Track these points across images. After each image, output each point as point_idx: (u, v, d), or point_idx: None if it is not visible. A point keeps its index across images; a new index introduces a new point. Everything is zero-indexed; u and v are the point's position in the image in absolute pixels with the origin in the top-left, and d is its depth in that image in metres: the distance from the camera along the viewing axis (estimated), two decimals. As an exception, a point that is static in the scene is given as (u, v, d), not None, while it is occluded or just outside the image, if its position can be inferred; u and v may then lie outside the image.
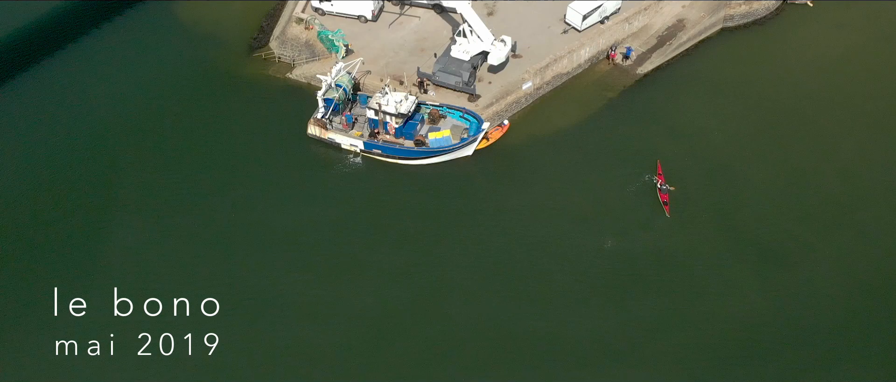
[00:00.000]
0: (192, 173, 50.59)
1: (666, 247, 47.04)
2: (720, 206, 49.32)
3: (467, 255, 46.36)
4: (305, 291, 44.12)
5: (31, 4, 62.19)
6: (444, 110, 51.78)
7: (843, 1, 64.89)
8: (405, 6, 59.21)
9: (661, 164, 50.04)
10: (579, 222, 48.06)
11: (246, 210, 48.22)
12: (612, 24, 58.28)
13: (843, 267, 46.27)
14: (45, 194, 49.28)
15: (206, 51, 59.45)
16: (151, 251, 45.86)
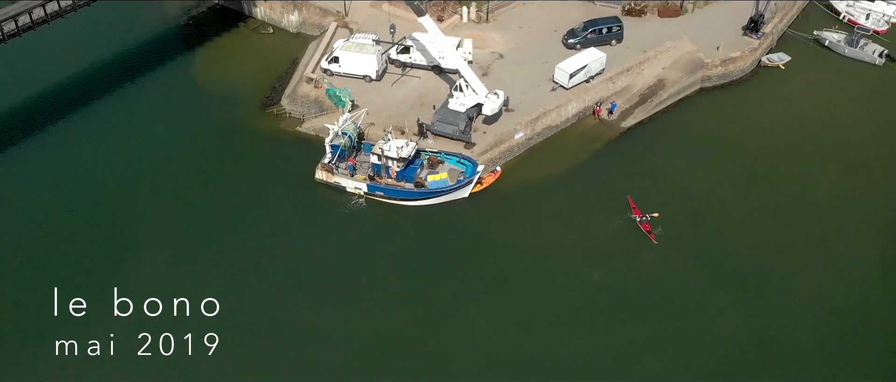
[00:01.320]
0: (207, 212, 54.15)
1: (650, 277, 50.19)
2: (701, 241, 52.64)
3: (462, 284, 49.51)
4: (309, 312, 46.96)
5: (58, 65, 67.74)
6: (441, 156, 55.95)
7: (814, 64, 70.42)
8: (407, 68, 64.41)
9: (633, 198, 54.15)
10: (568, 255, 51.31)
11: (255, 244, 51.65)
12: (596, 83, 63.16)
13: (816, 296, 49.21)
14: (62, 230, 52.68)
15: (221, 108, 64.10)
16: (163, 279, 48.86)
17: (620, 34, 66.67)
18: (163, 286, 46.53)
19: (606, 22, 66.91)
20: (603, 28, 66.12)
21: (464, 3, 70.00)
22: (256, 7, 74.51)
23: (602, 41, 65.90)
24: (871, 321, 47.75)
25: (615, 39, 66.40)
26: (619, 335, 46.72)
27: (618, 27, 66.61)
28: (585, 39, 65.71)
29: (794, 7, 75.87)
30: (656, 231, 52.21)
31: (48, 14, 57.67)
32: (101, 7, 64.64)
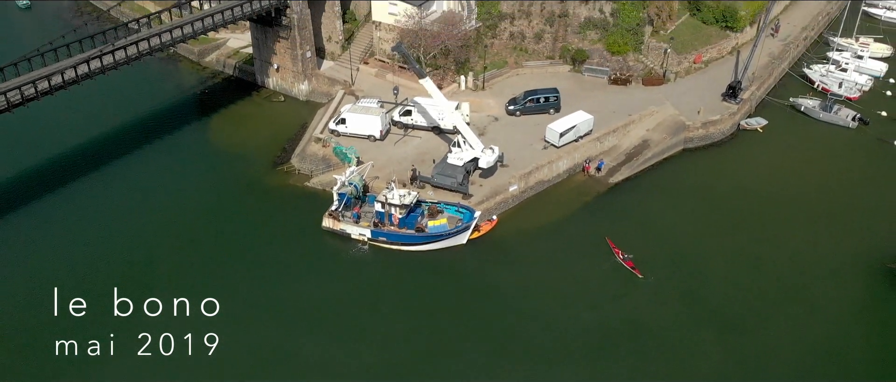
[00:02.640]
0: (219, 257, 57.40)
1: (637, 317, 52.97)
2: (685, 284, 55.61)
3: (459, 322, 52.26)
4: (314, 349, 49.48)
5: (83, 126, 72.61)
6: (441, 206, 59.75)
7: (791, 127, 75.12)
8: (408, 129, 69.08)
9: (612, 239, 57.82)
10: (560, 297, 54.18)
11: (263, 286, 54.52)
12: (585, 142, 67.64)
13: (796, 335, 51.79)
14: (82, 275, 55.71)
15: (234, 167, 68.23)
16: (176, 316, 51.58)
17: (557, 104, 70.79)
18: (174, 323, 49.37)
19: (545, 92, 71.36)
20: (541, 97, 70.69)
21: (461, 73, 75.33)
22: (269, 77, 79.96)
23: (540, 109, 70.47)
24: (847, 359, 50.28)
25: (553, 109, 70.68)
26: (609, 370, 49.18)
27: (555, 97, 70.96)
28: (525, 107, 70.45)
29: (771, 77, 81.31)
30: (640, 267, 55.54)
31: (77, 74, 62.03)
32: (122, 76, 69.77)
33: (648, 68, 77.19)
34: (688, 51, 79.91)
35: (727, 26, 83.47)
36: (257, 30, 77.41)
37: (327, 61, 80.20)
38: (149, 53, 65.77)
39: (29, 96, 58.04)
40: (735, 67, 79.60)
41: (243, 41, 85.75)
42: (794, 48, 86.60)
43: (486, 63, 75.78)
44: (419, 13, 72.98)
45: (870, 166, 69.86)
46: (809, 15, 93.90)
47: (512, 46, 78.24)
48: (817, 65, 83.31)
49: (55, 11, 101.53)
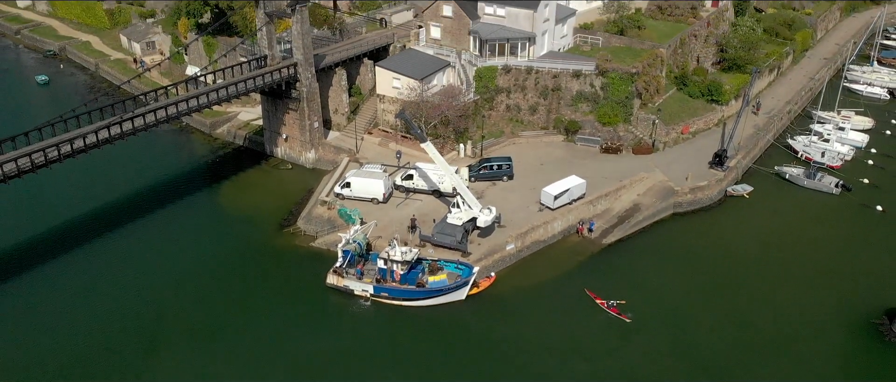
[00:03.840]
0: (227, 314, 59.69)
1: (630, 369, 54.89)
2: (675, 338, 57.71)
3: (459, 376, 54.13)
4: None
5: (95, 193, 76.00)
6: (441, 263, 62.39)
7: (776, 194, 78.39)
8: (410, 192, 72.39)
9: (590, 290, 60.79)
10: (555, 350, 56.21)
11: (269, 341, 56.65)
12: (579, 205, 70.81)
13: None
14: (96, 333, 58.17)
15: (242, 229, 71.22)
16: (185, 371, 53.86)
17: (510, 172, 74.11)
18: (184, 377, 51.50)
19: (498, 160, 74.88)
20: (494, 165, 74.08)
21: (460, 141, 79.22)
22: (277, 147, 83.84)
23: (494, 176, 73.99)
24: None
25: (506, 176, 73.96)
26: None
27: (508, 165, 74.41)
28: (479, 174, 73.84)
29: (757, 147, 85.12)
30: (628, 314, 58.03)
31: (90, 143, 65.60)
32: (136, 147, 73.74)
33: (638, 138, 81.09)
34: (675, 122, 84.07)
35: (713, 100, 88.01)
36: (268, 102, 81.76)
37: (333, 132, 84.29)
38: (166, 120, 69.71)
39: (52, 158, 61.50)
40: (721, 138, 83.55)
41: (254, 114, 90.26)
42: (778, 121, 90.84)
43: (484, 132, 79.79)
44: (421, 86, 77.56)
45: (853, 229, 72.70)
46: (793, 90, 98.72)
47: (508, 117, 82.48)
48: (801, 136, 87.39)
49: (72, 87, 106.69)
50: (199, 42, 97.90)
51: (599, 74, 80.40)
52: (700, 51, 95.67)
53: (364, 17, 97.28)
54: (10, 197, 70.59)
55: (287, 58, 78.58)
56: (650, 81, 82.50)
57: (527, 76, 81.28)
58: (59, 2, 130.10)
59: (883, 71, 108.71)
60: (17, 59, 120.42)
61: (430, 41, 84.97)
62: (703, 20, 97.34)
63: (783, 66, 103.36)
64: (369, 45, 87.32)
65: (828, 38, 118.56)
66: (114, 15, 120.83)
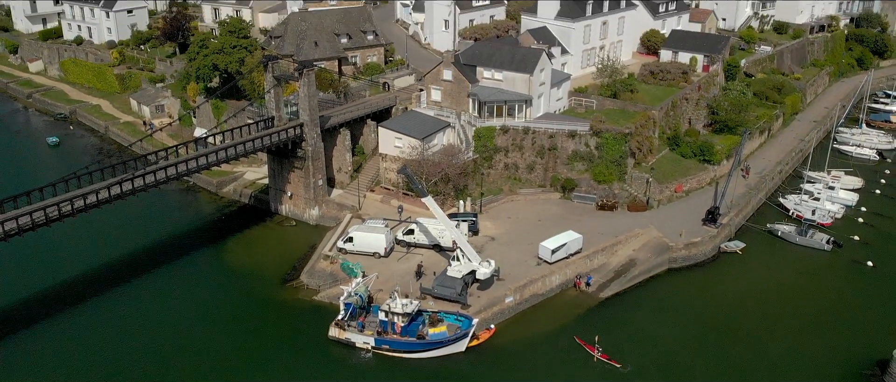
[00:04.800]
0: (228, 366, 60.75)
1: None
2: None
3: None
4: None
5: (102, 249, 77.86)
6: (441, 315, 63.81)
7: (769, 250, 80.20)
8: (411, 247, 74.28)
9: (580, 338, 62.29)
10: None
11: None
12: (576, 260, 72.60)
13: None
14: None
15: (247, 283, 72.78)
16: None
17: (476, 227, 76.28)
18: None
19: (464, 216, 77.07)
20: (459, 221, 75.37)
21: (460, 198, 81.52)
22: (282, 204, 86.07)
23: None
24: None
25: (472, 232, 75.85)
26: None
27: (473, 221, 76.53)
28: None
29: (748, 205, 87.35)
30: (626, 365, 59.64)
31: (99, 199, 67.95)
32: (144, 205, 75.69)
33: (633, 196, 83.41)
34: (669, 181, 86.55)
35: (705, 160, 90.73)
36: (274, 161, 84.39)
37: (337, 189, 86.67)
38: (175, 178, 72.17)
39: (65, 213, 63.68)
40: (714, 196, 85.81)
41: (260, 173, 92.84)
42: (769, 180, 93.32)
43: (483, 190, 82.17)
44: (422, 145, 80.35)
45: (845, 284, 74.31)
46: (783, 151, 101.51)
47: (506, 175, 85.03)
48: (792, 195, 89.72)
49: (82, 148, 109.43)
50: (208, 105, 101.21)
51: (594, 134, 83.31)
52: (692, 113, 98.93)
53: (368, 81, 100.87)
54: (22, 251, 72.36)
55: (293, 119, 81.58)
56: (643, 142, 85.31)
57: (524, 136, 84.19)
58: (71, 66, 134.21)
59: (871, 133, 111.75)
60: (27, 121, 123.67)
61: (431, 103, 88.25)
62: (694, 84, 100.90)
63: (773, 128, 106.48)
64: (372, 107, 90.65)
65: (817, 102, 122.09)
66: (124, 79, 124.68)
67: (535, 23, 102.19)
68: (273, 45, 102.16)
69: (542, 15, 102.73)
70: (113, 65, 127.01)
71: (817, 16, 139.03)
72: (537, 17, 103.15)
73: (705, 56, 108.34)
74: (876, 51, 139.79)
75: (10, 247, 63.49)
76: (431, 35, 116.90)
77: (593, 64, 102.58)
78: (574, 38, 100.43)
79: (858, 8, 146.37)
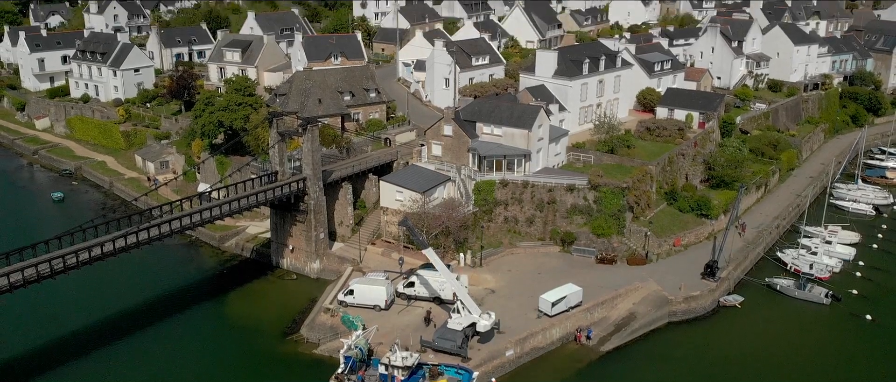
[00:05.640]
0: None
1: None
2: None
3: None
4: None
5: (104, 303, 78.20)
6: (441, 368, 63.79)
7: (768, 304, 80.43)
8: (412, 300, 74.66)
9: None
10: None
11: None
12: (576, 313, 72.87)
13: None
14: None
15: (247, 337, 72.91)
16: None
17: None
18: None
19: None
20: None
21: (461, 251, 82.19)
22: (283, 258, 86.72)
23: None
24: None
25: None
26: None
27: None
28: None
29: (747, 260, 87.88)
30: None
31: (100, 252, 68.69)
32: (146, 260, 76.15)
33: (632, 249, 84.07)
34: (667, 235, 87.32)
35: (702, 214, 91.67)
36: (276, 215, 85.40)
37: (338, 243, 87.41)
38: (179, 231, 73.05)
39: (70, 265, 64.36)
40: (712, 250, 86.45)
41: (262, 228, 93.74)
42: (767, 235, 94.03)
43: (483, 243, 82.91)
44: (423, 199, 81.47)
45: (844, 338, 74.35)
46: (780, 206, 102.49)
47: (506, 229, 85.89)
48: (790, 249, 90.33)
49: (86, 203, 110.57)
50: (212, 160, 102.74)
51: (592, 188, 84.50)
52: (688, 169, 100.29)
53: (370, 136, 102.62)
54: (25, 304, 72.92)
55: (296, 173, 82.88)
56: (641, 196, 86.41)
57: (523, 190, 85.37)
58: (77, 123, 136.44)
59: (868, 188, 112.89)
60: (32, 177, 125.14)
61: (432, 158, 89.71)
62: (690, 141, 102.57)
63: (770, 183, 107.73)
64: (374, 162, 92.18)
65: (813, 158, 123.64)
66: (130, 136, 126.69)
67: (533, 81, 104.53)
68: (278, 103, 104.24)
69: (539, 73, 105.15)
70: (119, 122, 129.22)
71: (811, 74, 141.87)
72: (535, 75, 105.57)
73: (701, 113, 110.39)
74: (870, 108, 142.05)
75: (15, 299, 64.00)
76: (432, 93, 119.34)
77: (590, 120, 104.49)
78: (571, 96, 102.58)
79: (851, 66, 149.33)
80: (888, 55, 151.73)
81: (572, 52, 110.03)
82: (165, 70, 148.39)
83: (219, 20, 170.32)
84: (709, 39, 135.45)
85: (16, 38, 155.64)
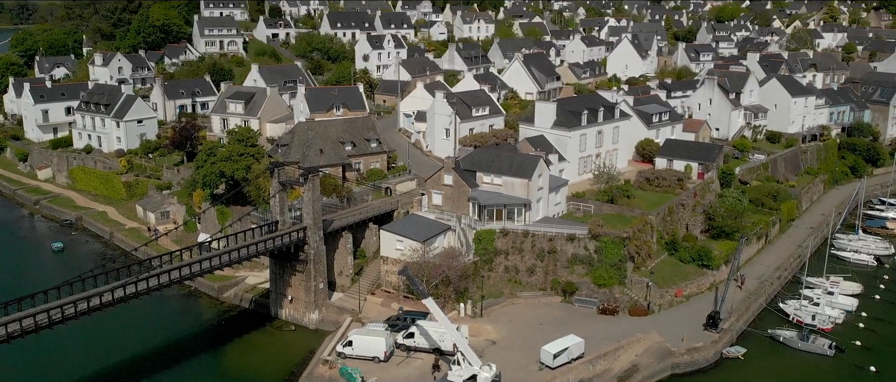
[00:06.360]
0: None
1: None
2: None
3: None
4: None
5: (101, 354, 77.69)
6: (441, 420, 63.05)
7: (772, 356, 79.57)
8: (411, 351, 73.93)
9: None
10: None
11: None
12: (578, 364, 72.02)
13: None
14: None
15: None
16: None
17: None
18: None
19: (415, 314, 77.59)
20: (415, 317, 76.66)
21: (461, 301, 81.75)
22: (282, 309, 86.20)
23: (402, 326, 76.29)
24: None
25: None
26: None
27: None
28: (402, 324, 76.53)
29: (749, 311, 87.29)
30: None
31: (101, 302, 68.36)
32: (145, 311, 75.68)
33: (633, 300, 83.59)
34: (669, 285, 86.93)
35: (704, 265, 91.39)
36: (276, 265, 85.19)
37: (337, 293, 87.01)
38: (178, 281, 72.81)
39: (68, 315, 64.04)
40: (714, 301, 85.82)
41: (261, 278, 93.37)
42: (769, 286, 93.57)
43: (484, 293, 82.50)
44: (423, 248, 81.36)
45: (849, 390, 73.63)
46: (781, 257, 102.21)
47: (507, 278, 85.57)
48: (792, 300, 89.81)
49: (86, 253, 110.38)
50: (213, 210, 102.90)
51: (593, 237, 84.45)
52: (688, 219, 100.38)
53: (370, 185, 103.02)
54: (23, 354, 72.19)
55: (296, 223, 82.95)
56: (642, 246, 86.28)
57: (524, 239, 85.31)
58: (79, 174, 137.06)
59: (868, 239, 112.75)
60: (32, 228, 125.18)
61: (432, 207, 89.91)
62: (689, 191, 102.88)
63: (770, 234, 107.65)
64: (375, 211, 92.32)
65: (813, 208, 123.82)
66: (131, 187, 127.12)
67: (532, 131, 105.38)
68: (280, 153, 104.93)
69: (539, 124, 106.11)
70: (121, 172, 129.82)
71: (809, 125, 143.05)
72: (534, 126, 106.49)
73: (700, 164, 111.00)
74: (869, 159, 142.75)
75: (12, 350, 63.55)
76: (433, 143, 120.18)
77: (590, 170, 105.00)
78: (570, 146, 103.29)
79: (849, 118, 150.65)
80: (885, 106, 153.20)
81: (571, 103, 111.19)
82: (168, 121, 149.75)
83: (222, 72, 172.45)
84: (706, 91, 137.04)
85: (20, 89, 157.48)
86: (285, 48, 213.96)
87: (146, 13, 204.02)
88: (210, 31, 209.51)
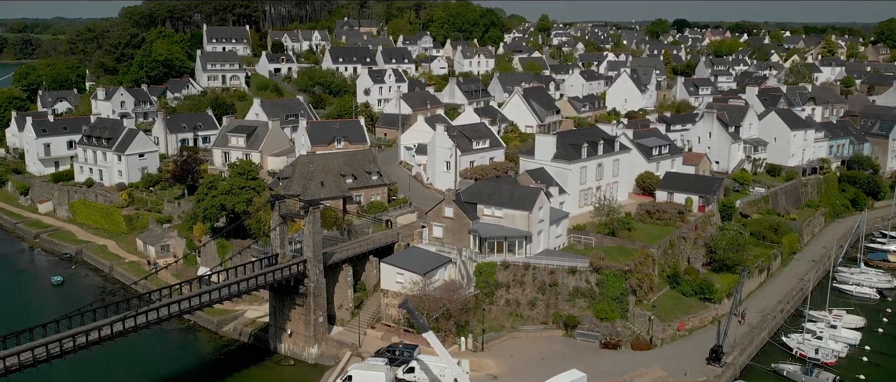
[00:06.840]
0: None
1: None
2: None
3: None
4: None
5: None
6: (442, 456, 62.18)
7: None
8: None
9: None
10: None
11: None
12: (580, 399, 71.42)
13: None
14: None
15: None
16: None
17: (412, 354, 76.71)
18: None
19: (405, 348, 77.67)
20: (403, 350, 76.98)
21: (462, 334, 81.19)
22: (281, 343, 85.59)
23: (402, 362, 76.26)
24: None
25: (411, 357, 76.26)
26: None
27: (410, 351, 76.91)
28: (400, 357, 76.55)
29: (752, 344, 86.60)
30: None
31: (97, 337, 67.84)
32: (144, 345, 75.10)
33: (636, 334, 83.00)
34: (671, 319, 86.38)
35: (706, 298, 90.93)
36: (275, 298, 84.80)
37: (337, 326, 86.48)
38: (177, 315, 72.41)
39: (67, 350, 63.60)
40: (717, 335, 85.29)
41: (260, 312, 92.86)
42: (771, 319, 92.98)
43: (485, 326, 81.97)
44: (423, 281, 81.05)
45: (856, 425, 72.72)
46: (783, 290, 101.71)
47: (508, 312, 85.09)
48: (794, 334, 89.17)
49: (85, 287, 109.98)
50: (213, 244, 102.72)
51: (594, 270, 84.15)
52: (690, 252, 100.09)
53: (371, 218, 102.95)
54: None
55: (297, 256, 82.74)
56: (643, 279, 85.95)
57: (525, 272, 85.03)
58: (80, 208, 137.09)
59: (870, 272, 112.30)
60: (32, 261, 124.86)
61: (433, 240, 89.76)
62: (690, 224, 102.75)
63: (772, 267, 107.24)
64: (375, 244, 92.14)
65: (814, 241, 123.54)
66: (132, 220, 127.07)
67: (532, 164, 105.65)
68: (280, 186, 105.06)
69: (539, 157, 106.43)
70: (121, 206, 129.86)
71: (809, 158, 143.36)
72: (535, 158, 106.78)
73: (700, 197, 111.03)
74: (869, 192, 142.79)
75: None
76: (433, 175, 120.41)
77: (590, 203, 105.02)
78: (571, 179, 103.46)
79: (849, 151, 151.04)
80: (885, 139, 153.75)
81: (571, 136, 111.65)
82: (170, 155, 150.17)
83: (224, 106, 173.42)
84: (706, 125, 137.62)
85: (23, 123, 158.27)
86: (287, 82, 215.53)
87: (149, 48, 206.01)
88: (213, 66, 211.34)
